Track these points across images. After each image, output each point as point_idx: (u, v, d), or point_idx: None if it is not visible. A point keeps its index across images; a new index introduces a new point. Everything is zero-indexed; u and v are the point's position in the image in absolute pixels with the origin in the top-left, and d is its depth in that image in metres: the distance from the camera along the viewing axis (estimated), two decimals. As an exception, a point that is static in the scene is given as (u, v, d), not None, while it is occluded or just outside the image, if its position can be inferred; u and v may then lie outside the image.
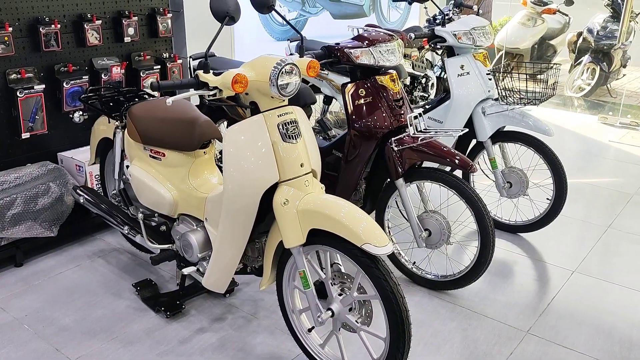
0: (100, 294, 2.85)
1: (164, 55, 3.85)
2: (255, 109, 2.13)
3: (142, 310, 2.72)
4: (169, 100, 1.96)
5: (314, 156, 2.23)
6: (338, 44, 2.74)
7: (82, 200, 3.03)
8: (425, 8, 5.45)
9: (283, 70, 2.04)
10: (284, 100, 2.14)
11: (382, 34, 2.80)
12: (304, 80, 4.32)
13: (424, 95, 5.04)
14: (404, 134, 2.72)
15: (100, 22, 3.42)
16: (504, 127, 3.39)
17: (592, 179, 4.51)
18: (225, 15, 2.08)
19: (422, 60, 5.07)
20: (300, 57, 2.31)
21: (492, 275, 3.06)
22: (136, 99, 2.83)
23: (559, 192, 3.27)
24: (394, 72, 2.83)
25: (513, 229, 3.52)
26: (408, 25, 6.23)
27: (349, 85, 2.76)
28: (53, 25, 3.19)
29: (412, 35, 3.28)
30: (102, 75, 3.49)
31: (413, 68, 4.72)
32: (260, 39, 4.50)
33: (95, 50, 3.50)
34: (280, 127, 2.10)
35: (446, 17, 3.56)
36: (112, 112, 2.76)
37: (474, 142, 3.49)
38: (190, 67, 3.60)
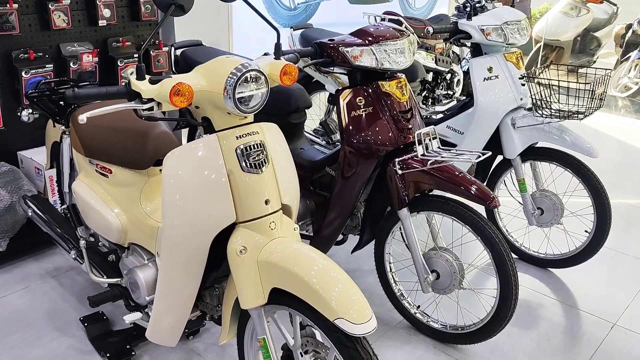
0: (42, 328, 2.41)
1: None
2: (208, 127, 1.64)
3: (86, 352, 2.28)
4: (82, 117, 1.47)
5: (287, 189, 1.74)
6: (333, 39, 2.21)
7: (30, 213, 2.59)
8: (455, -6, 4.86)
9: (244, 78, 1.54)
10: (245, 117, 1.64)
11: (390, 29, 2.26)
12: (307, 77, 3.80)
13: (449, 93, 4.47)
14: (411, 155, 2.20)
15: (68, 1, 2.94)
16: (537, 142, 2.83)
17: (637, 200, 3.90)
18: (171, 3, 1.57)
19: (448, 54, 4.49)
20: (276, 58, 1.80)
21: (512, 324, 2.53)
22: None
23: (600, 225, 2.70)
24: (402, 76, 2.30)
25: (542, 263, 2.97)
26: (435, 12, 5.63)
27: (345, 92, 2.24)
28: (8, 5, 2.73)
29: (430, 29, 2.73)
30: (71, 64, 3.02)
31: (436, 63, 4.15)
32: (263, 26, 3.95)
33: (63, 35, 3.03)
34: (240, 152, 1.60)
35: (478, 6, 3.00)
36: (59, 114, 2.29)
37: (499, 157, 2.94)
38: (172, 57, 3.11)
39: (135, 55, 3.27)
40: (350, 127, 2.23)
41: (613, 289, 2.83)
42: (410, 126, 2.25)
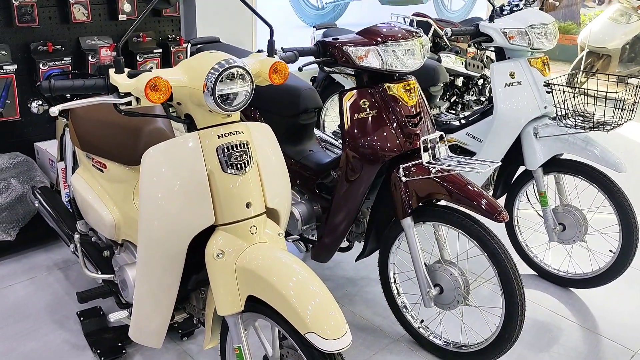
0: (40, 320, 2.41)
1: (169, 37, 3.35)
2: (191, 125, 1.58)
3: (79, 348, 2.26)
4: (54, 109, 1.44)
5: (275, 192, 1.67)
6: (337, 38, 2.12)
7: (36, 204, 2.60)
8: (492, -4, 4.69)
9: (227, 75, 1.48)
10: (228, 116, 1.57)
11: (400, 29, 2.15)
12: (328, 78, 3.72)
13: (480, 99, 4.32)
14: (416, 162, 2.09)
15: (88, -5, 2.96)
16: (562, 154, 2.67)
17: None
18: (156, -5, 1.52)
19: (481, 59, 4.33)
20: (269, 55, 1.72)
21: (523, 346, 2.39)
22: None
23: (626, 246, 2.52)
24: (411, 79, 2.19)
25: (563, 282, 2.80)
26: (473, 15, 5.44)
27: (349, 93, 2.14)
28: (27, -3, 2.76)
29: (449, 31, 2.60)
30: (89, 58, 3.04)
31: (466, 67, 4.01)
32: (289, 24, 3.91)
33: (83, 28, 3.05)
34: (221, 151, 1.53)
35: (516, 9, 2.86)
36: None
37: (522, 168, 2.79)
38: (187, 54, 3.08)
39: (156, 51, 3.26)
40: (353, 130, 2.14)
41: (638, 314, 2.64)
42: (417, 131, 2.14)
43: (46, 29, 2.92)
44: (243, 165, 1.56)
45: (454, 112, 4.21)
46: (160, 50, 3.28)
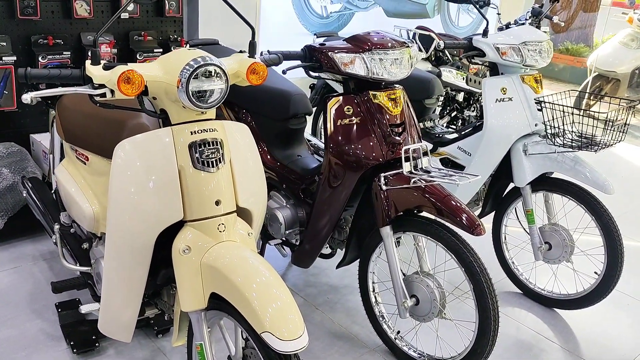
0: (19, 309, 2.43)
1: (170, 37, 3.38)
2: (166, 120, 1.60)
3: (54, 338, 2.27)
4: (26, 96, 1.46)
5: (248, 192, 1.68)
6: (324, 44, 2.13)
7: (24, 194, 2.62)
8: (499, 14, 4.69)
9: (203, 72, 1.49)
10: (203, 113, 1.58)
11: (388, 38, 2.16)
12: (328, 85, 3.72)
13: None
14: (398, 171, 2.09)
15: (91, -8, 3.00)
16: (552, 172, 2.65)
17: (673, 246, 3.61)
18: (136, -10, 1.54)
19: (484, 75, 4.33)
20: (249, 56, 1.74)
21: (500, 364, 2.37)
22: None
23: (610, 269, 2.49)
24: (398, 87, 2.19)
25: (547, 302, 2.77)
26: (480, 32, 5.45)
27: (333, 99, 2.15)
28: (30, -9, 2.80)
29: (441, 43, 2.60)
30: (89, 53, 3.06)
31: (467, 83, 4.00)
32: (292, 31, 3.93)
33: (85, 24, 3.08)
34: (193, 148, 1.55)
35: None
36: (52, 98, 2.31)
37: (512, 184, 2.77)
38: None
39: (156, 50, 3.29)
40: (335, 137, 2.14)
41: (622, 339, 2.60)
42: (400, 141, 2.14)
43: (48, 22, 2.96)
44: (214, 163, 1.57)
45: (454, 127, 4.20)
46: (161, 50, 3.30)
